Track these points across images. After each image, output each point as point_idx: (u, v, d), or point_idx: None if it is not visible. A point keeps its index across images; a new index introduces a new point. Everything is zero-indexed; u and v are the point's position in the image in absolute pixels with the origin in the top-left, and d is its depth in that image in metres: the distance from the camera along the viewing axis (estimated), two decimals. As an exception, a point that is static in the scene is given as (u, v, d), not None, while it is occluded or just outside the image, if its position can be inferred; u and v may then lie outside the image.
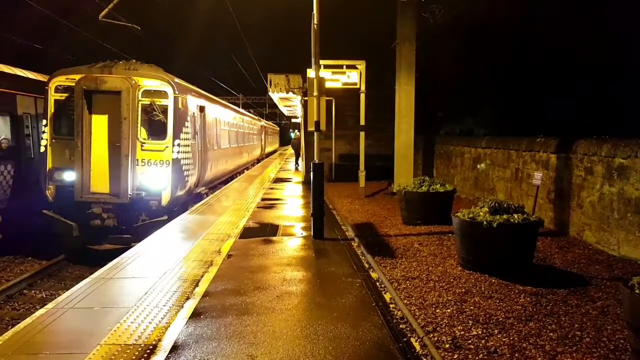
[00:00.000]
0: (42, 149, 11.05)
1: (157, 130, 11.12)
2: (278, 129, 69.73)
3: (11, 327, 5.33)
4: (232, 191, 16.41)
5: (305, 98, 17.73)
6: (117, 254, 7.84)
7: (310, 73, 10.80)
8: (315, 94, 9.37)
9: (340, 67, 14.75)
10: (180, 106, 11.41)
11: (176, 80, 11.83)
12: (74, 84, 10.68)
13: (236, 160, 22.95)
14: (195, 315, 5.14)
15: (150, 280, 6.32)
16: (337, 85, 14.90)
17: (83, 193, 10.64)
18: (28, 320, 4.99)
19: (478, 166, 13.09)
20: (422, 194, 9.89)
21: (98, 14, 14.14)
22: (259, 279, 6.47)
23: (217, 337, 4.57)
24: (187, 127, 11.92)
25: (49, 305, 5.41)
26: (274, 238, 8.97)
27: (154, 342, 4.46)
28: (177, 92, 11.24)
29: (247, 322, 4.97)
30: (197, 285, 6.14)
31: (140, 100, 10.89)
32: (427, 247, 8.13)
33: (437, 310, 5.30)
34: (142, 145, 10.91)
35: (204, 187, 14.74)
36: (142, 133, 10.97)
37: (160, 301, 5.54)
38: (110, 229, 10.89)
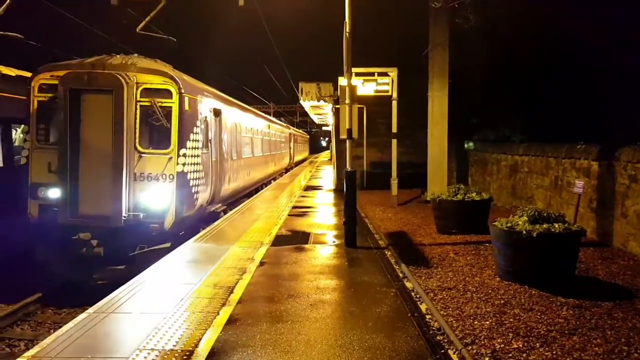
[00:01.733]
0: (24, 160, 9.41)
1: (159, 137, 9.39)
2: (308, 136, 68.69)
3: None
4: (260, 202, 16.50)
5: (337, 106, 17.75)
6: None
7: (342, 81, 10.83)
8: (347, 101, 9.37)
9: (372, 74, 14.71)
10: (187, 108, 9.55)
11: (183, 77, 10.11)
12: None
13: (261, 171, 21.01)
14: (231, 322, 5.16)
15: (187, 287, 6.39)
16: (369, 92, 14.87)
17: (69, 215, 8.77)
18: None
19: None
20: (458, 202, 9.71)
21: (135, 26, 14.54)
22: (292, 286, 6.46)
23: (252, 345, 4.57)
24: (196, 133, 10.07)
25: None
26: (306, 246, 8.96)
27: (190, 348, 4.50)
28: (183, 91, 9.36)
29: (281, 330, 4.95)
30: (231, 292, 6.18)
31: (138, 101, 9.09)
32: (464, 257, 7.96)
33: (476, 322, 5.16)
34: (140, 156, 9.10)
35: (220, 204, 12.69)
36: (141, 141, 9.20)
37: (197, 307, 5.59)
38: (100, 260, 8.89)
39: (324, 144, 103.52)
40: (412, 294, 6.21)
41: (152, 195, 9.10)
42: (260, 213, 12.94)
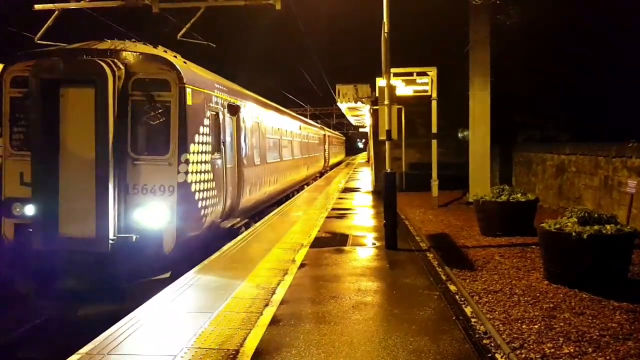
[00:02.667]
0: None
1: (156, 139, 7.70)
2: (344, 138, 67.08)
3: None
4: (296, 206, 16.55)
5: (375, 107, 17.68)
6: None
7: (380, 82, 10.75)
8: (386, 102, 9.30)
9: (410, 74, 14.55)
10: (190, 102, 7.82)
11: (189, 65, 8.45)
12: None
13: (291, 177, 19.06)
14: (274, 322, 5.21)
15: (229, 289, 6.49)
16: (408, 93, 14.73)
17: (43, 238, 7.08)
18: None
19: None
20: (502, 204, 9.46)
21: (176, 34, 14.87)
22: (333, 288, 6.46)
23: (296, 345, 4.60)
24: (204, 134, 8.37)
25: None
26: (346, 248, 8.94)
27: (236, 347, 4.57)
28: (185, 82, 7.65)
29: (324, 330, 4.96)
30: (274, 292, 6.24)
31: (130, 95, 7.47)
32: (509, 260, 7.75)
33: (524, 326, 5.01)
34: (133, 163, 7.43)
35: (239, 218, 10.68)
36: (135, 145, 7.56)
37: (241, 307, 5.67)
38: (84, 293, 6.94)
39: (360, 145, 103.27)
40: (456, 297, 6.09)
41: (148, 212, 7.38)
42: (299, 215, 13.01)
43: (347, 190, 20.25)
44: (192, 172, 7.81)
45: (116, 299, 6.91)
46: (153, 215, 7.41)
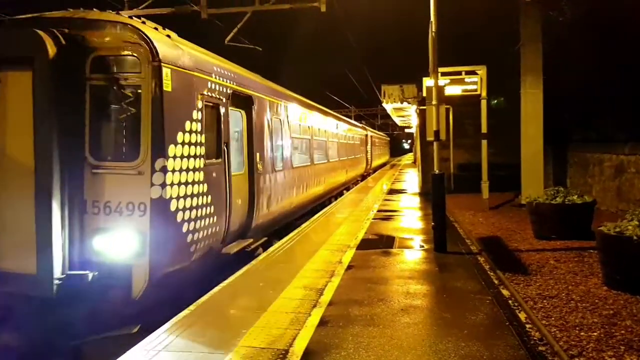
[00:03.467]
0: None
1: (122, 139, 5.84)
2: (388, 139, 64.79)
3: None
4: (340, 207, 16.52)
5: (422, 107, 17.46)
6: None
7: (428, 81, 10.62)
8: (433, 102, 9.17)
9: (459, 73, 14.25)
10: (170, 87, 5.81)
11: (168, 38, 6.25)
12: None
13: (327, 181, 16.84)
14: (323, 323, 5.24)
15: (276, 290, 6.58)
16: (456, 92, 14.42)
17: None
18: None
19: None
20: (557, 206, 9.11)
21: (224, 38, 15.17)
22: (381, 290, 6.42)
23: (345, 347, 4.60)
24: (192, 131, 6.32)
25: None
26: (393, 250, 8.86)
27: (286, 348, 4.63)
28: (161, 59, 5.67)
29: (373, 333, 4.94)
30: (321, 294, 6.27)
31: (88, 79, 5.63)
32: (565, 264, 7.45)
33: (582, 333, 4.81)
34: (92, 171, 5.60)
35: (251, 239, 8.52)
36: (95, 147, 5.69)
37: (288, 307, 5.74)
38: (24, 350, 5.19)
39: (406, 146, 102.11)
40: (510, 301, 5.91)
41: (111, 239, 5.48)
42: (345, 217, 13.00)
43: (392, 192, 20.07)
44: (172, 184, 5.79)
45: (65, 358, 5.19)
46: (118, 244, 5.45)
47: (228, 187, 7.46)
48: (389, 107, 24.27)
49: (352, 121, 32.04)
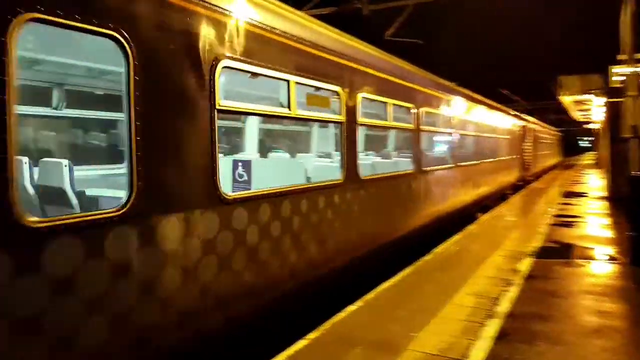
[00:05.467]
0: None
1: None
2: (558, 134, 53.46)
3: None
4: (512, 211, 15.29)
5: (611, 99, 15.34)
6: None
7: (618, 69, 9.31)
8: (629, 93, 8.00)
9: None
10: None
11: None
12: None
13: (445, 195, 11.09)
14: (501, 336, 4.86)
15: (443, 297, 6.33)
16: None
17: None
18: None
19: None
20: None
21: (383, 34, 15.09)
22: (568, 305, 5.74)
23: (529, 366, 4.21)
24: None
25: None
26: (578, 261, 7.89)
27: (459, 358, 4.40)
28: None
29: (562, 354, 4.42)
30: (495, 303, 5.85)
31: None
32: None
33: None
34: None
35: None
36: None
37: (460, 314, 5.46)
38: None
39: (584, 144, 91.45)
40: None
41: None
42: (515, 220, 12.05)
43: (570, 194, 18.03)
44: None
45: None
46: None
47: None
48: (567, 99, 21.92)
49: (496, 104, 19.05)
